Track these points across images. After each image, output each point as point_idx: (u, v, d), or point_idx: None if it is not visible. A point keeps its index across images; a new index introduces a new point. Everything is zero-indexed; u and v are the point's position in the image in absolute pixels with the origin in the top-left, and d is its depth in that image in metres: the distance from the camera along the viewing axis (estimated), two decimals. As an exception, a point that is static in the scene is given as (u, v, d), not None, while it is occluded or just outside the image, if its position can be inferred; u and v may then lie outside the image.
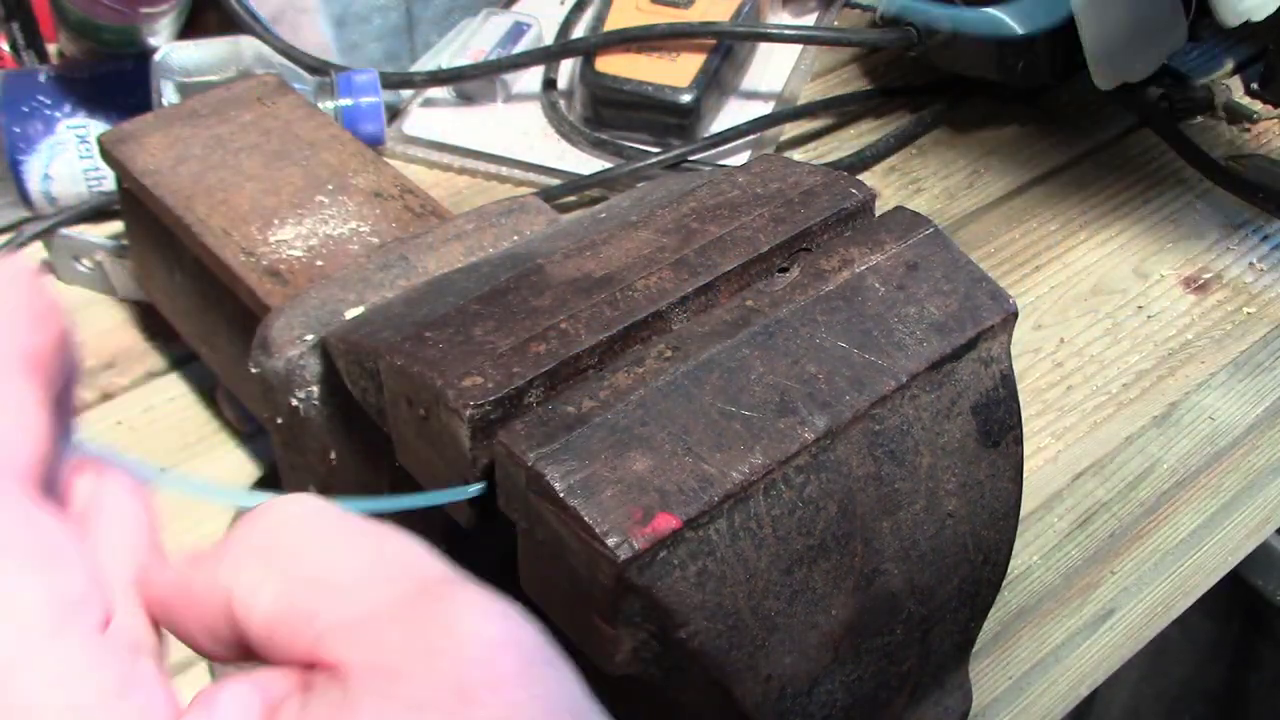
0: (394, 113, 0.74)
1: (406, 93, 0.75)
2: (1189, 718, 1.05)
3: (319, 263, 0.46)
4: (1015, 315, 0.36)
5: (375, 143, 0.68)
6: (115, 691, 0.22)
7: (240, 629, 0.24)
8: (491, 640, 0.22)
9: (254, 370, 0.41)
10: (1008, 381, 0.36)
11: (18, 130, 0.63)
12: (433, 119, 0.73)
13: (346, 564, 0.24)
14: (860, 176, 0.71)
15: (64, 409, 0.25)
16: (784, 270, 0.36)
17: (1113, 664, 0.54)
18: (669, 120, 0.71)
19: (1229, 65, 0.82)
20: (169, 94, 0.62)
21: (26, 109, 0.63)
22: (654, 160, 0.68)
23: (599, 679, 0.26)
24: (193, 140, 0.51)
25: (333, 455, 0.42)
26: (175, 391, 0.58)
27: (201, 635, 0.25)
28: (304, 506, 0.25)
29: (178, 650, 0.26)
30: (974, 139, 0.76)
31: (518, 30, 0.76)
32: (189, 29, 0.69)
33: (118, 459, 0.26)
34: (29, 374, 0.24)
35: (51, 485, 0.25)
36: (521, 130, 0.73)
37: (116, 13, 0.64)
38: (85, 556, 0.23)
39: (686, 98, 0.70)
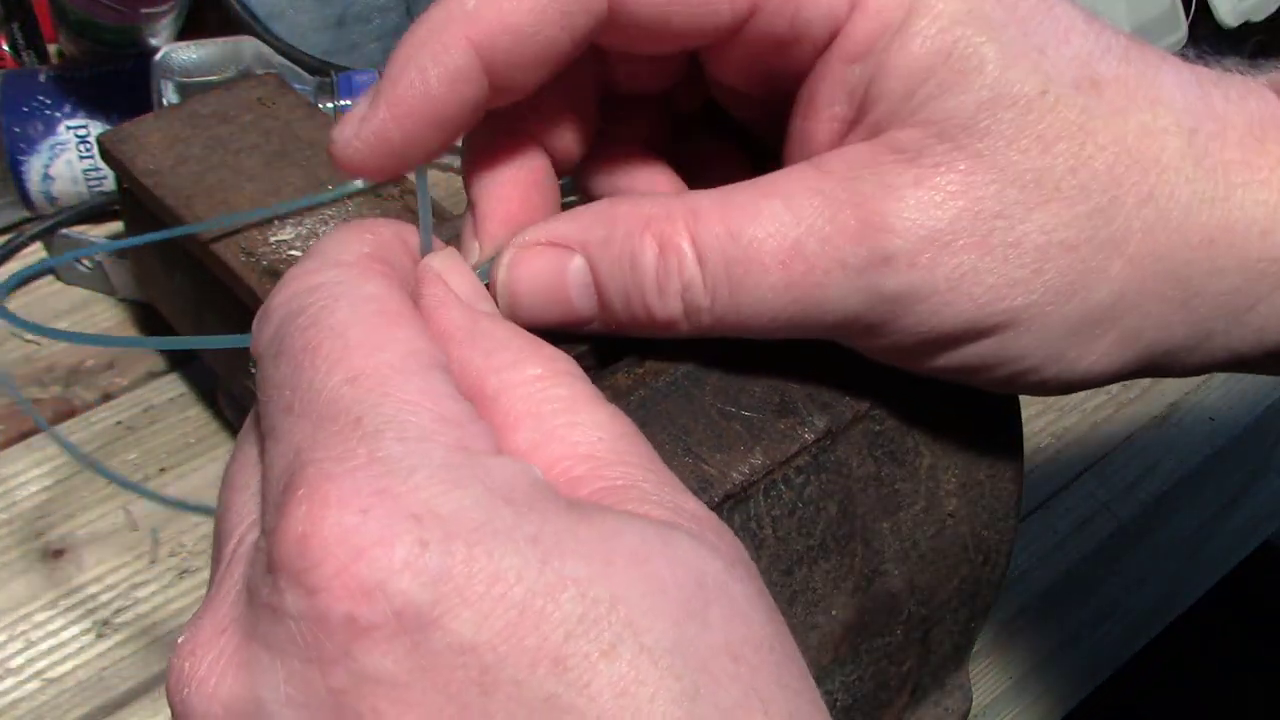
0: (394, 113, 0.74)
1: (406, 93, 0.74)
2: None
3: (319, 263, 0.46)
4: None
5: (375, 143, 0.68)
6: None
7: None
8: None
9: (254, 370, 0.41)
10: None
11: (18, 130, 0.63)
12: (433, 119, 0.73)
13: None
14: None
15: None
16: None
17: (1113, 664, 0.54)
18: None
19: (1229, 65, 0.82)
20: (169, 94, 0.62)
21: (26, 109, 0.63)
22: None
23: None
24: (193, 140, 0.51)
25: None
26: (175, 391, 0.58)
27: None
28: None
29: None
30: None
31: (518, 30, 0.76)
32: (189, 29, 0.69)
33: None
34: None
35: None
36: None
37: (116, 13, 0.64)
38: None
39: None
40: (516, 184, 0.31)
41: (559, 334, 0.33)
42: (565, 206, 0.33)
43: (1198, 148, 0.28)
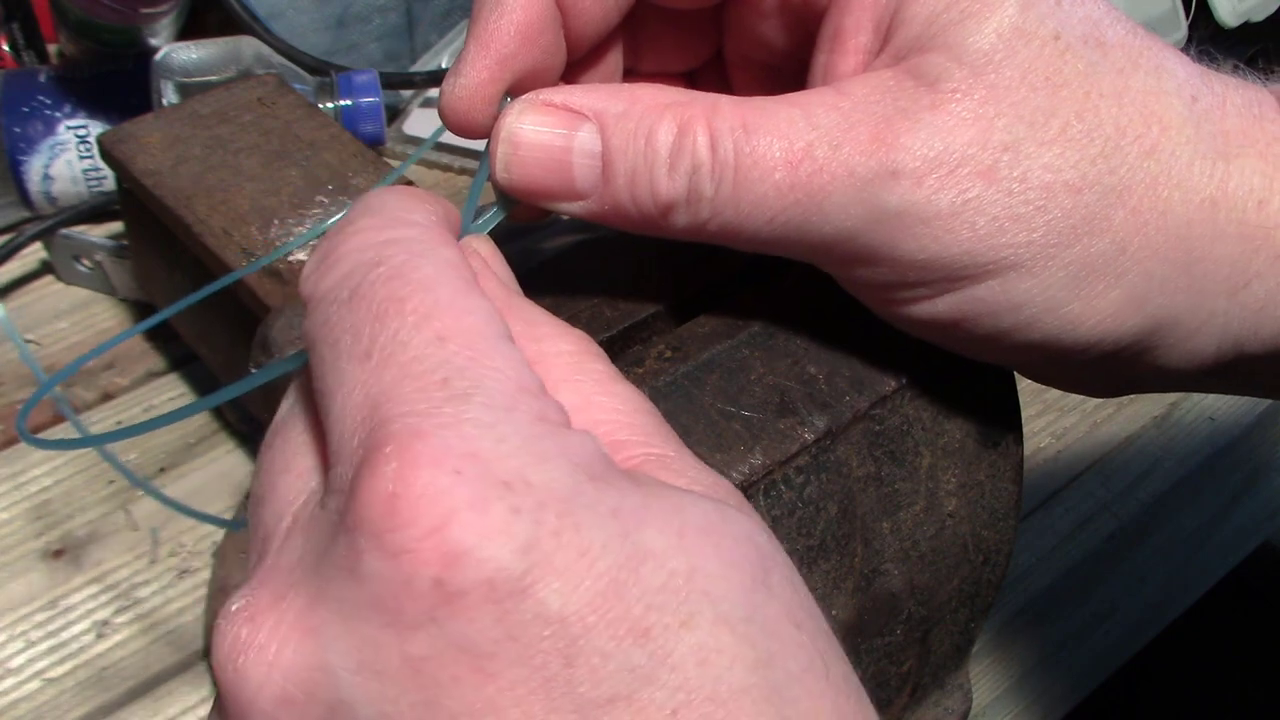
0: (394, 113, 0.74)
1: (406, 93, 0.75)
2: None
3: (319, 263, 0.46)
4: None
5: (375, 143, 0.68)
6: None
7: None
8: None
9: (254, 370, 0.41)
10: (1008, 381, 0.36)
11: (18, 130, 0.63)
12: (433, 119, 0.73)
13: None
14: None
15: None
16: (787, 269, 0.36)
17: (1112, 664, 0.54)
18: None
19: (1229, 65, 0.82)
20: (169, 94, 0.62)
21: (26, 109, 0.63)
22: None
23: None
24: (193, 140, 0.51)
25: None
26: (175, 391, 0.58)
27: None
28: None
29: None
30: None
31: (518, 30, 0.76)
32: (189, 29, 0.69)
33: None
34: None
35: None
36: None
37: (116, 13, 0.64)
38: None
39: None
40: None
41: (588, 319, 0.33)
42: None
43: (1198, 113, 0.29)
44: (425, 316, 0.23)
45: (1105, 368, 0.31)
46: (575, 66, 0.33)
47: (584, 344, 0.26)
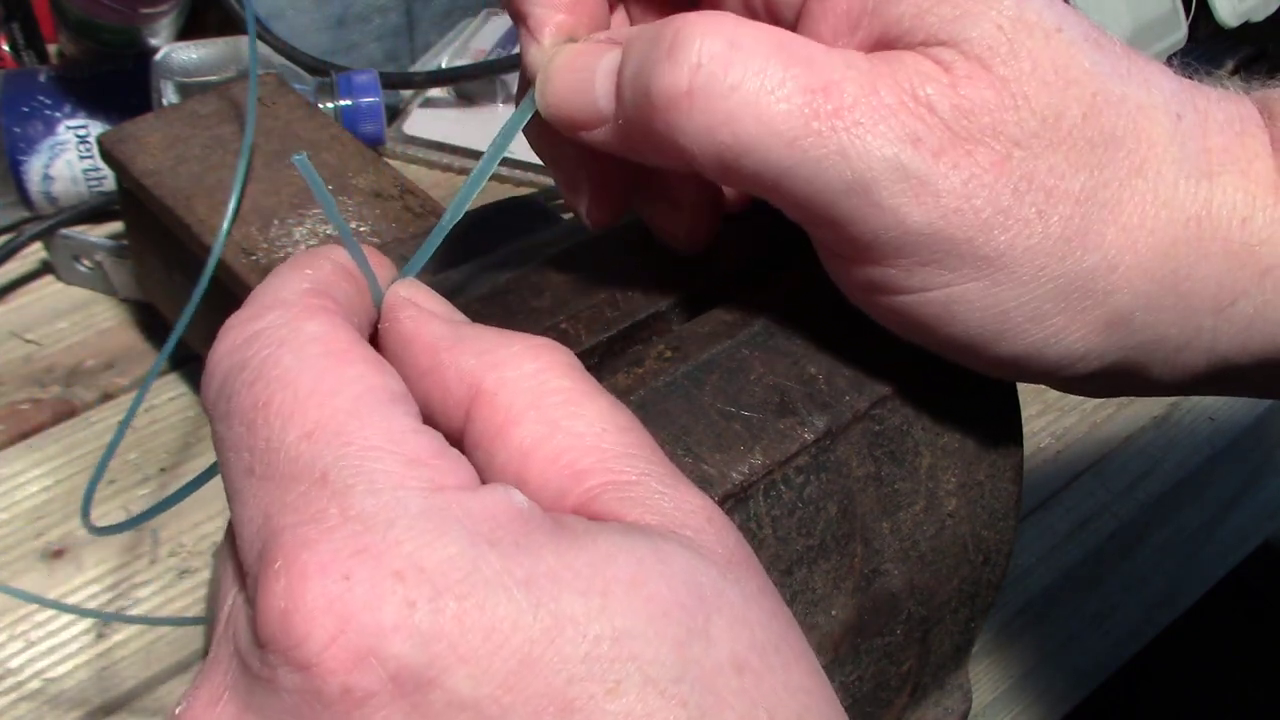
0: (394, 113, 0.74)
1: (406, 93, 0.75)
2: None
3: (319, 263, 0.46)
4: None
5: (375, 143, 0.68)
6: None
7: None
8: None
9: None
10: (1008, 381, 0.36)
11: (18, 130, 0.63)
12: (433, 119, 0.73)
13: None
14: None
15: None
16: (786, 270, 0.36)
17: (1112, 664, 0.54)
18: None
19: (1229, 65, 0.82)
20: (169, 94, 0.62)
21: (26, 109, 0.63)
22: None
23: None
24: (193, 140, 0.51)
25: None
26: (175, 391, 0.58)
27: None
28: None
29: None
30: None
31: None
32: (189, 29, 0.69)
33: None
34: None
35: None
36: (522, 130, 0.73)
37: (116, 13, 0.64)
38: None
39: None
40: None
41: (589, 319, 0.33)
42: (566, 208, 0.33)
43: (1183, 131, 0.29)
44: (289, 416, 0.23)
45: (1093, 379, 0.31)
46: None
47: (551, 357, 0.26)
